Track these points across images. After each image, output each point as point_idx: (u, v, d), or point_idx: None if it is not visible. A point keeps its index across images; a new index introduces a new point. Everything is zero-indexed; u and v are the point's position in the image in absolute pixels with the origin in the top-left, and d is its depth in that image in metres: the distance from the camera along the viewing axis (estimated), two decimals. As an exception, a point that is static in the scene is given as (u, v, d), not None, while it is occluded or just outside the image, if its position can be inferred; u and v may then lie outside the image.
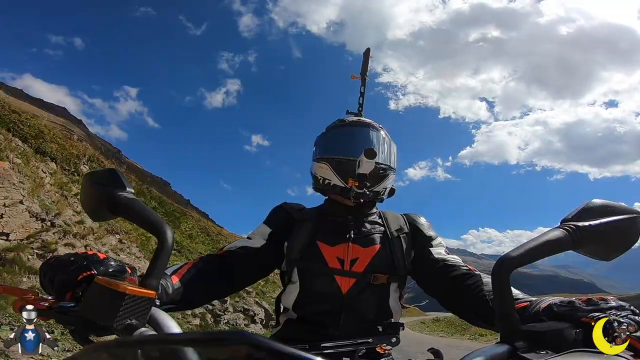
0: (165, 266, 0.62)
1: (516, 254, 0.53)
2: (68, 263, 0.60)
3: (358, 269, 1.00)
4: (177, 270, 0.87)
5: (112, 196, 0.65)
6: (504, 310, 0.51)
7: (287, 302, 1.05)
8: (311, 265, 1.01)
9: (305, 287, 1.01)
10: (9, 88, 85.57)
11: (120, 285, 0.53)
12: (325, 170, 1.09)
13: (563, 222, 0.58)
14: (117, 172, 0.69)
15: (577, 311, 0.53)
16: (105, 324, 0.52)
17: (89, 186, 0.70)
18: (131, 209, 0.64)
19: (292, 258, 1.03)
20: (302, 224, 1.07)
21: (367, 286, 0.99)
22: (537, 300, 0.67)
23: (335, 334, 0.96)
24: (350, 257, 1.01)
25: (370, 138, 1.11)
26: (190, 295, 0.86)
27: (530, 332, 0.50)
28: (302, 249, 1.03)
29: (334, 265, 1.00)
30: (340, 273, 0.99)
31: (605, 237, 0.57)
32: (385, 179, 1.09)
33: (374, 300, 1.01)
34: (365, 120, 1.19)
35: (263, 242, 1.05)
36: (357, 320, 0.98)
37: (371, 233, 1.07)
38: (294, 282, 1.03)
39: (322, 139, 1.19)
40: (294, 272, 1.03)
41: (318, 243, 1.03)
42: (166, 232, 0.61)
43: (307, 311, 1.01)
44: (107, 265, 0.62)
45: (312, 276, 1.01)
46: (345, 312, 0.98)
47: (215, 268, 0.96)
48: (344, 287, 0.99)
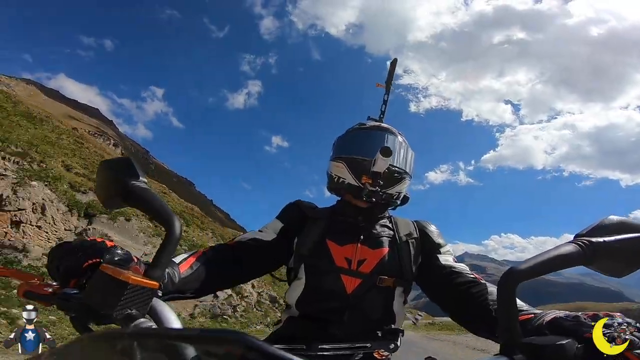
0: (170, 257, 0.62)
1: (525, 266, 0.52)
2: (75, 249, 0.60)
3: (365, 269, 1.01)
4: (185, 259, 0.88)
5: (126, 185, 0.65)
6: (507, 322, 0.50)
7: (291, 299, 1.06)
8: (319, 262, 1.03)
9: (311, 284, 1.02)
10: (47, 90, 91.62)
11: (123, 274, 0.53)
12: (341, 169, 1.11)
13: (577, 237, 0.57)
14: (131, 161, 0.69)
15: (581, 326, 0.52)
16: (105, 312, 0.52)
17: (104, 174, 0.70)
18: (143, 198, 0.64)
19: (301, 254, 1.05)
20: (314, 222, 1.09)
21: (373, 287, 1.00)
22: (542, 313, 0.65)
23: (337, 333, 0.96)
24: (358, 257, 1.02)
25: (388, 141, 1.12)
26: (196, 284, 0.86)
27: (530, 345, 0.49)
28: (311, 246, 1.04)
29: (341, 264, 1.01)
30: (347, 272, 1.00)
31: (617, 254, 0.55)
32: (399, 182, 1.10)
33: (379, 302, 1.01)
34: (385, 125, 1.21)
35: (274, 235, 1.07)
36: (360, 320, 0.98)
37: (380, 236, 1.08)
38: (299, 279, 1.05)
39: (340, 140, 1.21)
40: (301, 269, 1.04)
41: (327, 242, 1.04)
42: (174, 224, 0.61)
43: (311, 308, 1.02)
44: (114, 253, 0.61)
45: (319, 273, 1.02)
46: (349, 311, 0.98)
47: (225, 258, 0.96)
48: (349, 286, 0.99)
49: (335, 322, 0.97)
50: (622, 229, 0.56)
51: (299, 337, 0.95)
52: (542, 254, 0.53)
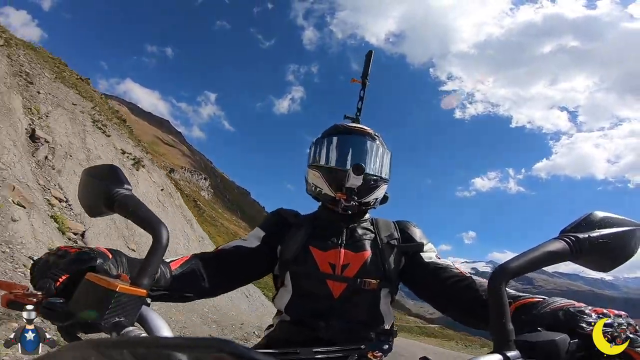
0: (158, 265, 0.60)
1: (514, 263, 0.53)
2: (59, 258, 0.59)
3: (349, 274, 1.01)
4: (176, 259, 0.88)
5: (109, 192, 0.64)
6: (498, 320, 0.50)
7: (280, 305, 1.07)
8: (303, 269, 1.03)
9: (298, 291, 1.03)
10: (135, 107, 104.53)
11: (110, 283, 0.52)
12: (317, 177, 1.13)
13: (562, 232, 0.58)
14: (116, 168, 0.68)
15: (575, 321, 0.53)
16: (93, 322, 0.51)
17: (87, 181, 0.69)
18: (127, 205, 0.63)
19: (285, 261, 1.05)
20: (296, 229, 1.10)
21: (358, 291, 1.00)
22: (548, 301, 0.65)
23: (328, 336, 0.96)
24: (341, 262, 1.03)
25: (362, 148, 1.13)
26: (185, 286, 0.87)
27: (523, 342, 0.49)
28: (294, 254, 1.05)
29: (326, 269, 1.02)
30: (332, 278, 1.01)
31: (604, 249, 0.56)
32: (375, 190, 1.11)
33: (365, 304, 1.02)
34: (361, 127, 1.19)
35: (257, 243, 1.07)
36: (348, 323, 0.99)
37: (362, 239, 1.09)
38: (286, 286, 1.06)
39: (316, 146, 1.20)
40: (286, 276, 1.05)
41: (310, 248, 1.05)
42: (161, 231, 0.60)
43: (300, 314, 1.03)
44: (99, 262, 0.60)
45: (304, 280, 1.03)
46: (338, 315, 0.99)
47: (208, 266, 0.96)
48: (335, 291, 1.00)
49: (326, 326, 0.98)
50: (606, 223, 0.57)
51: (292, 341, 0.96)
52: (530, 250, 0.54)
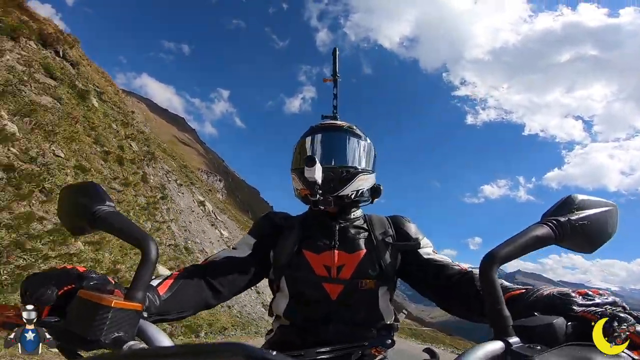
0: (150, 278, 0.61)
1: (502, 249, 0.53)
2: (48, 278, 0.59)
3: (345, 275, 1.00)
4: (162, 282, 0.86)
5: (91, 209, 0.63)
6: (494, 307, 0.51)
7: (278, 310, 1.05)
8: (298, 274, 1.01)
9: (294, 295, 1.01)
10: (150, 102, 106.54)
11: (104, 299, 0.52)
12: (295, 180, 1.12)
13: (544, 217, 0.58)
14: (95, 185, 0.67)
15: (570, 304, 0.54)
16: (92, 338, 0.51)
17: (67, 200, 0.67)
18: (112, 222, 0.62)
19: (280, 267, 1.03)
20: (288, 233, 1.07)
21: (356, 291, 0.99)
22: (534, 289, 0.66)
23: (327, 338, 0.95)
24: (336, 263, 1.01)
25: (331, 142, 1.12)
26: (178, 306, 0.86)
27: (521, 327, 0.49)
28: (288, 258, 1.02)
29: (321, 273, 1.00)
30: (328, 280, 0.99)
31: (586, 230, 0.57)
32: (351, 181, 1.06)
33: (364, 304, 1.01)
34: (332, 123, 1.18)
35: (249, 251, 1.05)
36: (348, 324, 0.98)
37: (356, 238, 1.06)
38: (282, 290, 1.04)
39: (294, 149, 1.19)
40: (282, 281, 1.03)
41: (304, 251, 1.03)
42: (149, 245, 0.59)
43: (299, 317, 1.01)
44: (89, 278, 0.60)
45: (300, 285, 1.01)
46: (336, 317, 0.98)
47: (200, 279, 0.94)
48: (332, 294, 0.99)
49: (326, 328, 0.97)
50: (585, 205, 0.58)
51: (294, 344, 0.96)
52: (516, 236, 0.54)
